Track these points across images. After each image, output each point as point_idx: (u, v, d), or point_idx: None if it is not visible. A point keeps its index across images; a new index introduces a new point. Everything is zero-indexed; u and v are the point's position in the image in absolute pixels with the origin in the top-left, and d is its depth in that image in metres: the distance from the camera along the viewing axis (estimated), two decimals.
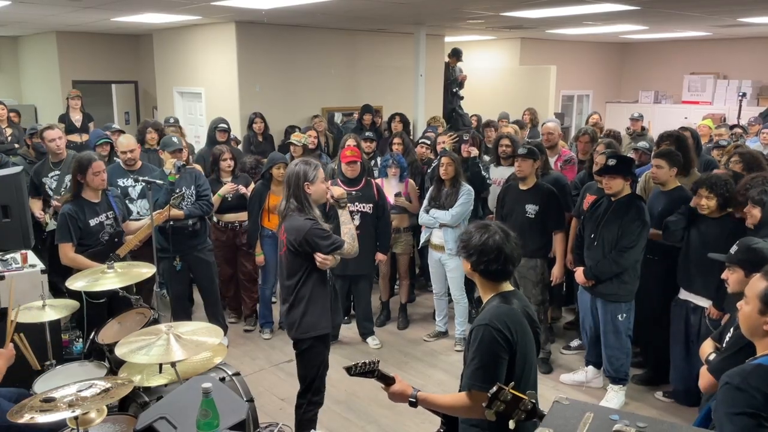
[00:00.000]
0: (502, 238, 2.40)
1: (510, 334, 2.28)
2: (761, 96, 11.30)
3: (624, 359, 4.32)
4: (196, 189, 4.96)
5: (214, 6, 6.75)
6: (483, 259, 2.36)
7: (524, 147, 4.82)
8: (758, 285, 2.06)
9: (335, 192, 3.46)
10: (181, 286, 5.12)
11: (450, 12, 7.48)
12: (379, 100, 9.48)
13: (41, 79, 11.09)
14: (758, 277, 2.09)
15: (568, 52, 12.15)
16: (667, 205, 4.35)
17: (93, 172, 4.12)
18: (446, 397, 2.45)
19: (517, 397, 1.93)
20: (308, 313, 3.32)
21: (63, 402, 2.34)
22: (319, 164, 3.42)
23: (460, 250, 2.45)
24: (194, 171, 5.12)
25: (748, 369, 2.01)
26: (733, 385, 1.96)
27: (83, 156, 4.24)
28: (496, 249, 2.36)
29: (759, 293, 2.05)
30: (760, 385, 1.93)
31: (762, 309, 2.04)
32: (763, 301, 2.03)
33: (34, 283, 3.90)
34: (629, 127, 8.75)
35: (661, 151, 4.59)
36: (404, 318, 5.80)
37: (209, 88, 8.99)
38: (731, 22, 8.60)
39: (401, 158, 5.71)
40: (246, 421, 2.48)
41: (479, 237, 2.39)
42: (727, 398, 1.96)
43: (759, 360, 2.04)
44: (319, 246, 3.24)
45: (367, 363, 2.39)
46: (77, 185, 4.17)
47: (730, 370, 2.04)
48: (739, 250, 2.84)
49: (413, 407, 2.45)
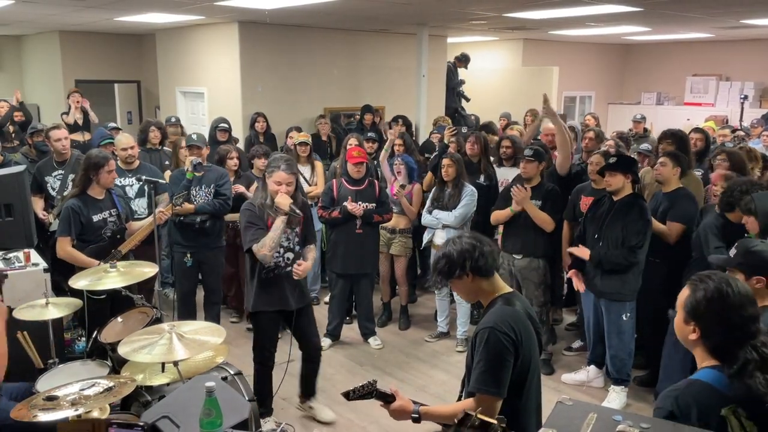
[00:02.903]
0: (469, 235, 2.45)
1: (515, 335, 2.27)
2: (764, 98, 11.28)
3: (626, 360, 4.32)
4: (216, 187, 4.95)
5: (217, 6, 6.76)
6: (476, 256, 2.34)
7: (530, 148, 4.82)
8: (683, 293, 1.94)
9: (279, 200, 3.64)
10: (189, 282, 5.10)
11: (453, 13, 7.48)
12: (382, 101, 9.48)
13: (44, 78, 11.10)
14: (686, 287, 1.95)
15: (570, 53, 12.14)
16: (668, 206, 4.37)
17: (107, 171, 4.16)
18: (449, 407, 2.41)
19: (485, 422, 1.81)
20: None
21: (66, 400, 2.34)
22: (283, 166, 3.68)
23: (449, 272, 2.36)
24: (219, 170, 5.13)
25: (680, 388, 1.87)
26: (664, 410, 1.83)
27: (99, 154, 4.27)
28: (475, 243, 2.38)
29: (682, 302, 1.93)
30: (693, 404, 1.80)
31: (686, 318, 1.91)
32: (686, 310, 1.91)
33: (37, 281, 3.91)
34: (631, 128, 8.75)
35: (667, 150, 4.65)
36: (405, 319, 5.80)
37: (212, 88, 8.99)
38: (734, 24, 8.59)
39: (409, 158, 5.71)
40: (248, 421, 2.48)
41: (454, 247, 2.37)
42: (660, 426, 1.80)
43: (695, 375, 1.90)
44: (242, 232, 3.74)
45: (364, 386, 2.37)
46: (86, 181, 4.18)
47: (663, 392, 1.91)
48: (738, 252, 2.82)
49: (416, 423, 2.40)
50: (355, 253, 5.11)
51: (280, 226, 3.64)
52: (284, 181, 3.65)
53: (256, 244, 3.61)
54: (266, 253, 3.62)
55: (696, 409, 1.80)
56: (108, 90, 11.45)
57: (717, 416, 1.79)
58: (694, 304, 1.89)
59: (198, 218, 4.86)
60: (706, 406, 1.80)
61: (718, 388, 1.82)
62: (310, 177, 6.03)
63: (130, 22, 8.56)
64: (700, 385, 1.85)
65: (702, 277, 1.92)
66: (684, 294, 1.94)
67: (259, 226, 3.67)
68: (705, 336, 1.88)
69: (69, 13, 7.72)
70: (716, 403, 1.80)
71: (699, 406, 1.80)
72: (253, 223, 3.68)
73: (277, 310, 3.88)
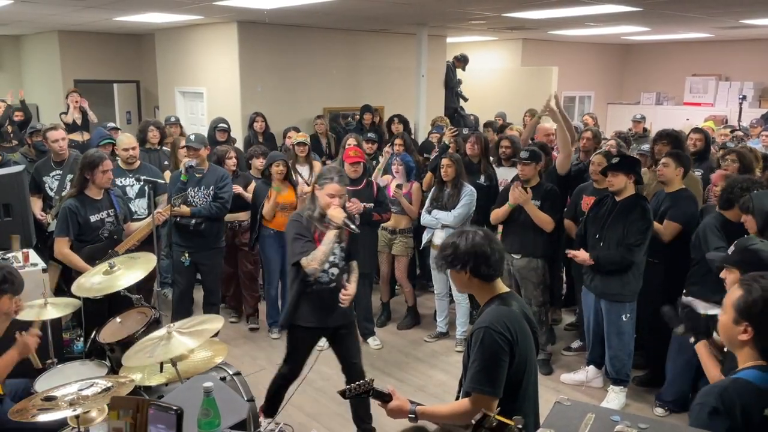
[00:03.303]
0: (483, 235, 2.37)
1: (510, 335, 2.27)
2: (763, 98, 11.29)
3: (626, 361, 4.32)
4: (216, 190, 4.93)
5: (216, 6, 6.76)
6: (480, 261, 2.32)
7: (526, 150, 4.81)
8: (734, 294, 1.95)
9: (333, 213, 3.48)
10: (186, 282, 5.10)
11: (452, 13, 7.48)
12: (381, 101, 9.48)
13: (43, 78, 11.10)
14: (736, 286, 1.97)
15: (569, 53, 12.14)
16: (669, 206, 4.36)
17: (102, 170, 4.15)
18: (446, 407, 2.43)
19: (502, 423, 1.83)
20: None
21: (64, 401, 2.34)
22: (336, 178, 3.50)
23: (452, 263, 2.35)
24: (219, 171, 5.09)
25: (725, 385, 1.88)
26: (708, 406, 1.83)
27: (94, 154, 4.26)
28: (486, 244, 2.33)
29: (733, 302, 1.93)
30: (738, 402, 1.80)
31: (736, 318, 1.91)
32: (737, 310, 1.91)
33: (36, 281, 3.90)
34: (631, 128, 8.76)
35: (670, 150, 4.65)
36: (411, 319, 5.77)
37: (211, 88, 8.99)
38: (733, 24, 8.59)
39: (407, 157, 5.70)
40: (247, 421, 2.48)
41: (465, 241, 2.34)
42: (700, 419, 1.83)
43: (738, 374, 1.92)
44: (289, 244, 3.55)
45: (360, 384, 2.37)
46: (83, 181, 4.18)
47: (705, 388, 1.93)
48: (736, 251, 2.82)
49: (413, 422, 2.41)
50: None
51: (332, 239, 3.48)
52: (337, 193, 3.51)
53: (306, 258, 3.45)
54: (316, 267, 3.44)
55: (740, 407, 1.80)
56: (107, 90, 11.44)
57: (760, 415, 1.79)
58: (749, 304, 1.89)
59: (193, 220, 4.85)
60: (750, 405, 1.81)
61: (762, 388, 1.83)
62: (308, 177, 6.03)
63: (129, 22, 8.56)
64: (744, 383, 1.86)
65: (755, 277, 1.92)
66: (735, 295, 1.94)
67: (308, 239, 3.50)
68: (759, 336, 1.89)
69: (68, 13, 7.72)
70: (760, 403, 1.81)
71: (743, 403, 1.81)
72: (302, 235, 3.50)
73: (315, 326, 3.68)
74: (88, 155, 4.25)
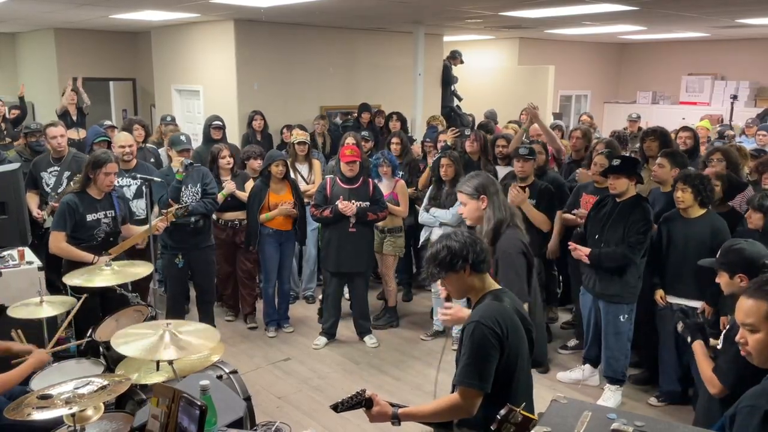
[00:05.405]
0: (462, 231, 2.47)
1: (500, 330, 2.27)
2: (759, 97, 11.32)
3: (623, 360, 4.32)
4: (203, 187, 4.99)
5: (213, 4, 6.74)
6: (477, 250, 2.36)
7: (525, 147, 4.82)
8: (761, 308, 1.83)
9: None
10: (180, 283, 5.12)
11: (449, 11, 7.48)
12: (378, 99, 9.47)
13: (39, 76, 11.05)
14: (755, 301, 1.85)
15: (566, 52, 12.15)
16: (666, 205, 4.37)
17: (104, 172, 4.13)
18: (429, 406, 2.40)
19: (527, 419, 1.83)
20: None
21: (60, 399, 2.33)
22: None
23: (451, 263, 2.34)
24: (202, 169, 5.15)
25: None
26: (759, 408, 1.76)
27: (101, 154, 4.26)
28: (474, 238, 2.41)
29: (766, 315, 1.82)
30: None
31: None
32: None
33: (32, 279, 3.90)
34: (626, 127, 8.77)
35: (665, 150, 4.66)
36: (388, 317, 5.72)
37: (207, 86, 8.97)
38: (729, 23, 8.61)
39: (392, 156, 5.68)
40: (243, 419, 2.48)
41: (454, 241, 2.37)
42: (750, 424, 1.76)
43: None
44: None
45: (352, 397, 2.35)
46: (86, 179, 4.18)
47: (752, 389, 1.84)
48: (721, 253, 2.83)
49: (396, 426, 2.39)
50: (348, 252, 5.09)
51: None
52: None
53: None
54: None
55: None
56: (103, 88, 11.40)
57: None
58: None
59: (192, 218, 4.88)
60: None
61: None
62: (308, 175, 6.03)
63: (125, 19, 8.53)
64: None
65: (760, 284, 1.87)
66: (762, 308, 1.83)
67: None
68: None
69: (64, 10, 7.70)
70: None
71: None
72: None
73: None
74: (97, 153, 4.26)
